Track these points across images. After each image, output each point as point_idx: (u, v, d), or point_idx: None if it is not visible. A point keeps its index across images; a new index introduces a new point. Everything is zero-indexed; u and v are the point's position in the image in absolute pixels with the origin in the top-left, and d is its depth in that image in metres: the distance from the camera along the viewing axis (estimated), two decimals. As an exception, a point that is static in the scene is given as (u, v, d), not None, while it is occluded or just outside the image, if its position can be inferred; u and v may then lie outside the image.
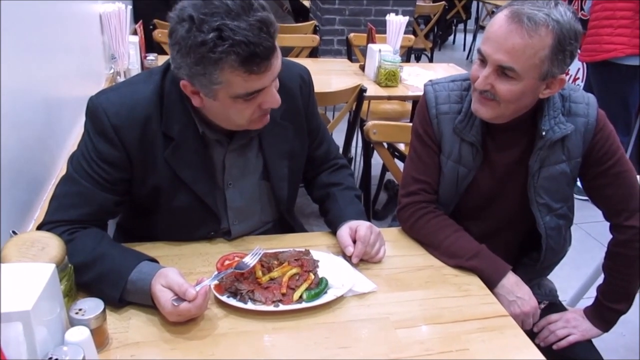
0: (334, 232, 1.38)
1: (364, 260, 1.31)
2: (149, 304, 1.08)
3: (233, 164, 1.31)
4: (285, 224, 1.48)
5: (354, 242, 1.30)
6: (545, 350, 1.36)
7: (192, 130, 1.22)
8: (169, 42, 1.09)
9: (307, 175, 1.51)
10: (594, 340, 1.44)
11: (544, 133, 1.30)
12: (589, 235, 3.08)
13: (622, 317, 1.42)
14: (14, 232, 1.08)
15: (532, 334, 1.33)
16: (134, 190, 1.25)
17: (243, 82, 1.07)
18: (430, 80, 1.45)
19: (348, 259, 1.29)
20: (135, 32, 2.77)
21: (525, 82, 1.20)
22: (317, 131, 1.47)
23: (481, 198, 1.43)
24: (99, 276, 1.09)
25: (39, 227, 1.16)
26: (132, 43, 2.59)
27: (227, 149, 1.28)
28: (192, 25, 1.02)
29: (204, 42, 1.01)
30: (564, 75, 1.23)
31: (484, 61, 1.23)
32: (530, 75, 1.19)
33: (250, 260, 1.18)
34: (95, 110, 1.17)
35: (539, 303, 1.35)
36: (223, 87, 1.08)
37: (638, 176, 1.38)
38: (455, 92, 1.40)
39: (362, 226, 1.30)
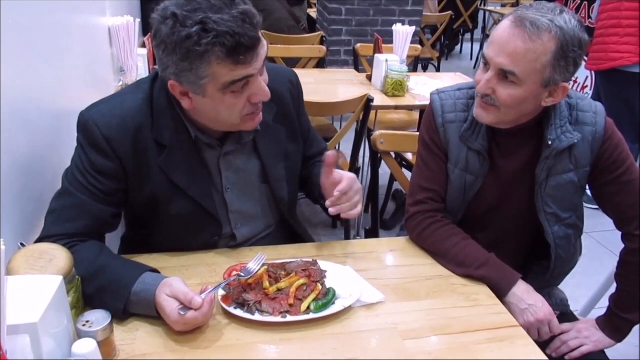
0: (319, 195, 1.36)
1: (366, 266, 1.30)
2: (153, 315, 1.08)
3: (229, 167, 1.31)
4: (289, 226, 1.48)
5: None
6: (557, 361, 1.35)
7: (184, 136, 1.23)
8: (153, 43, 1.11)
9: (301, 174, 1.51)
10: (606, 351, 1.42)
11: (550, 142, 1.29)
12: (600, 244, 3.05)
13: (636, 327, 1.40)
14: (22, 244, 1.08)
15: (542, 345, 1.31)
16: (131, 201, 1.26)
17: (230, 72, 1.08)
18: (437, 89, 1.45)
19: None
20: (143, 45, 2.80)
21: (526, 88, 1.20)
22: (308, 132, 1.50)
23: (489, 207, 1.42)
24: (101, 289, 1.09)
25: (37, 243, 1.15)
26: (140, 55, 2.61)
27: (221, 152, 1.29)
28: (175, 21, 1.04)
29: (188, 36, 1.03)
30: (568, 83, 1.23)
31: (487, 65, 1.24)
32: (532, 81, 1.19)
33: (254, 266, 1.18)
34: (86, 123, 1.18)
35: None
36: (210, 80, 1.09)
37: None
38: (461, 101, 1.40)
39: (346, 177, 1.27)
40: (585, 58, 3.80)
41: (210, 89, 1.11)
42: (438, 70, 5.54)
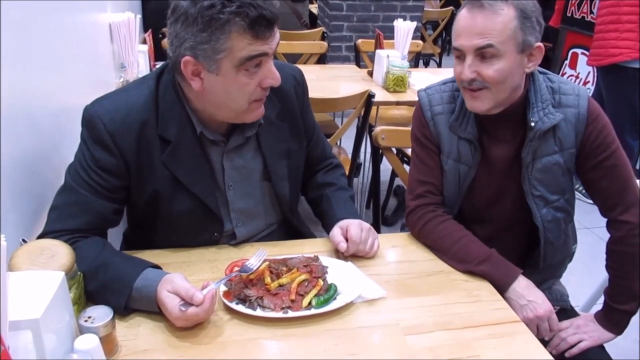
0: (328, 234, 1.39)
1: (367, 262, 1.31)
2: (154, 311, 1.09)
3: (231, 165, 1.31)
4: (290, 225, 1.48)
5: (347, 240, 1.31)
6: (557, 358, 1.35)
7: (189, 132, 1.23)
8: (169, 21, 1.11)
9: (303, 175, 1.51)
10: (606, 346, 1.42)
11: (533, 124, 1.31)
12: (602, 239, 3.02)
13: (636, 321, 1.40)
14: (24, 240, 1.08)
15: (544, 341, 1.32)
16: (133, 198, 1.25)
17: (248, 45, 1.09)
18: (424, 87, 1.49)
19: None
20: (144, 41, 2.80)
21: (507, 58, 1.24)
22: (312, 130, 1.49)
23: (484, 198, 1.44)
24: (103, 285, 1.09)
25: (39, 238, 1.15)
26: (141, 52, 2.61)
27: (225, 149, 1.29)
28: None
29: (212, 5, 1.04)
30: (541, 43, 1.28)
31: (461, 57, 1.28)
32: (509, 49, 1.23)
33: (255, 262, 1.18)
34: (91, 118, 1.18)
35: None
36: (227, 55, 1.09)
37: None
38: (447, 93, 1.43)
39: (352, 225, 1.32)
40: (587, 53, 3.80)
41: (225, 65, 1.11)
42: (439, 65, 5.53)
